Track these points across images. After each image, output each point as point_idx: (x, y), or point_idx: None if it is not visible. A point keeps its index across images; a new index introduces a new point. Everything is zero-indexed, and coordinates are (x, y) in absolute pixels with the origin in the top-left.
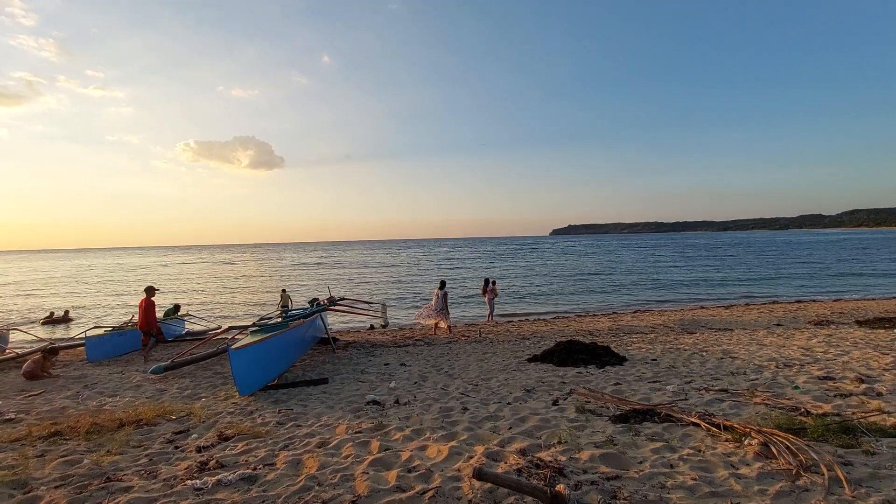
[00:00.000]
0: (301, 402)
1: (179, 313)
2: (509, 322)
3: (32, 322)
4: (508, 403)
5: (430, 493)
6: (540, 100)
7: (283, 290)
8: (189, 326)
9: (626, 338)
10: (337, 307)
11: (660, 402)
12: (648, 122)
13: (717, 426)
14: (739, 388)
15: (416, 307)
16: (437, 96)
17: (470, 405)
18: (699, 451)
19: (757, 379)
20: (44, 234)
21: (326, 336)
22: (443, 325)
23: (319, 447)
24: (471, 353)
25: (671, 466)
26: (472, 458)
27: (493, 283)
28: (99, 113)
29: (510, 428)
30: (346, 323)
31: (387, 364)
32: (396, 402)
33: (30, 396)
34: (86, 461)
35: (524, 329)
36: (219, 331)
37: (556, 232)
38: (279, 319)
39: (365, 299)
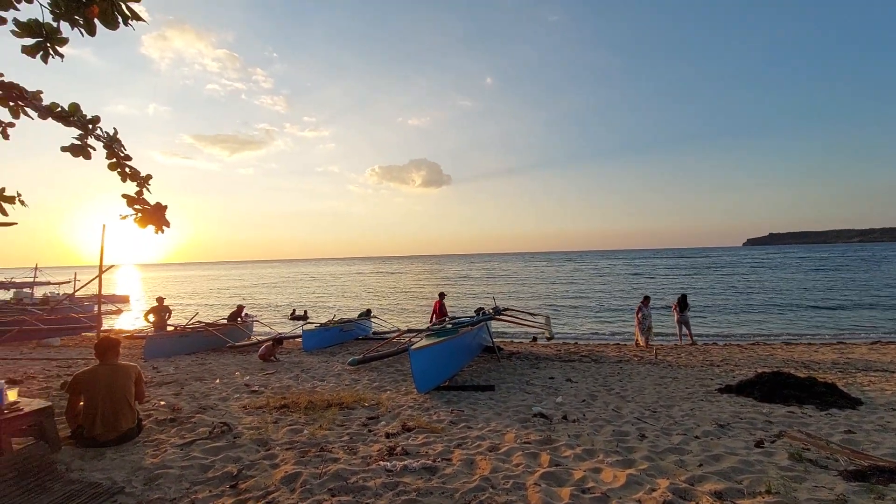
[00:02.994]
0: (470, 405)
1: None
2: (693, 345)
3: (280, 318)
4: (696, 437)
5: None
6: (724, 87)
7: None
8: (375, 327)
9: (859, 375)
10: (502, 317)
11: None
12: (881, 97)
13: None
14: None
15: (578, 321)
16: (600, 99)
17: (648, 433)
18: None
19: None
20: (273, 248)
21: (491, 345)
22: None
23: (490, 451)
24: (646, 376)
25: None
26: (654, 490)
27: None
28: (311, 150)
29: (700, 465)
30: (508, 331)
31: (552, 378)
32: (564, 417)
33: (266, 374)
34: (305, 431)
35: (713, 354)
36: (399, 332)
37: (752, 242)
38: (449, 325)
39: (529, 310)
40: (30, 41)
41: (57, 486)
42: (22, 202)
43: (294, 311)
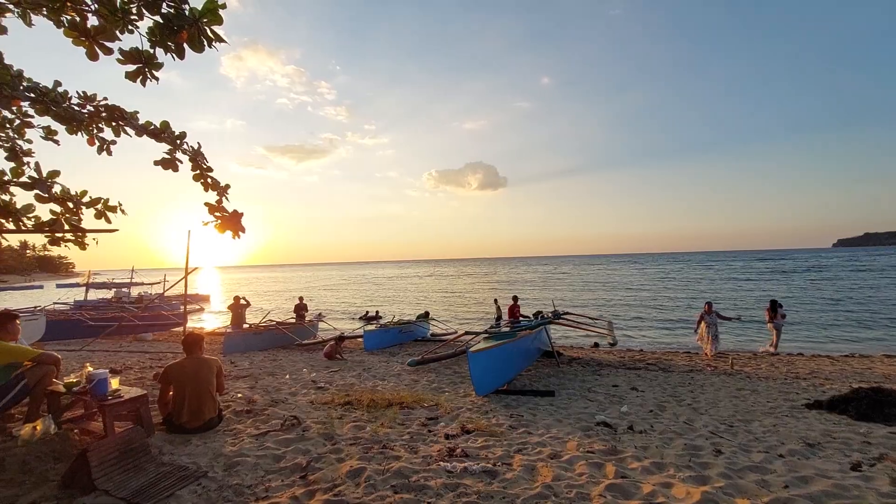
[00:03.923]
0: (530, 410)
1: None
2: (774, 355)
3: (339, 318)
4: (780, 456)
5: None
6: (809, 76)
7: (496, 300)
8: (433, 329)
9: None
10: (561, 321)
11: None
12: None
13: None
14: None
15: (643, 329)
16: (667, 95)
17: (724, 448)
18: None
19: None
20: (334, 251)
21: (551, 349)
22: (707, 348)
23: (551, 458)
24: (720, 387)
25: None
26: None
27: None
28: (371, 157)
29: (786, 487)
30: (567, 338)
31: (615, 386)
32: (630, 428)
33: (331, 372)
34: (368, 428)
35: (798, 366)
36: (456, 335)
37: (844, 243)
38: (507, 328)
39: (590, 315)
40: (131, 67)
41: (151, 468)
42: (122, 211)
43: (367, 311)
